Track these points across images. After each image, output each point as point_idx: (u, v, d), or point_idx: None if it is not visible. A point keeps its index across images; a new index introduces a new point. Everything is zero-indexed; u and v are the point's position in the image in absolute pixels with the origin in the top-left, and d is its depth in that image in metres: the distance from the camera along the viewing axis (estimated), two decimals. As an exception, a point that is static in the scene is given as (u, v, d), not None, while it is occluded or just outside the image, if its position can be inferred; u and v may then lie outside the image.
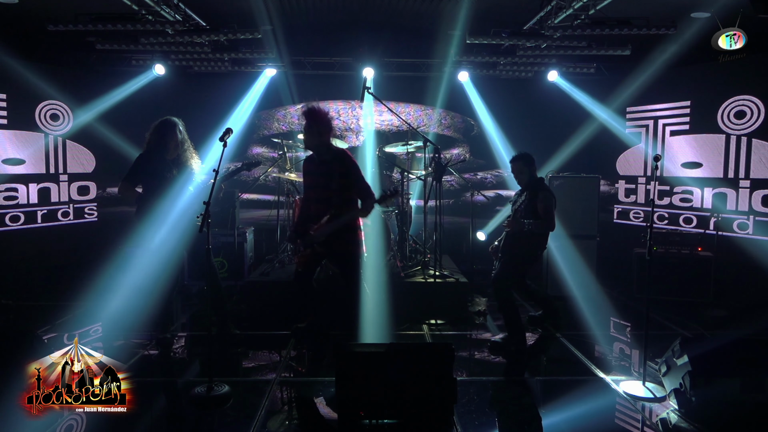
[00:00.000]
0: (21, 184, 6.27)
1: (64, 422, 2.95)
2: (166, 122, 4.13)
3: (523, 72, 7.01)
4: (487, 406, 3.33)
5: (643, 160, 6.93)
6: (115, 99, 6.73)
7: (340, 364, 2.90)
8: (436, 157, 5.05)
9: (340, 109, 7.55)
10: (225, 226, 6.07)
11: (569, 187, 5.62)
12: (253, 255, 6.53)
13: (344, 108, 7.54)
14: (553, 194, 4.28)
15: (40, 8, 5.32)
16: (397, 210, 5.53)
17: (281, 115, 7.62)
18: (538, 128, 7.15)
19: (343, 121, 7.52)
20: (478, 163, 7.69)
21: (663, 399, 3.31)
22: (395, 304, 4.69)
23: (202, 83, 7.33)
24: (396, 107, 7.46)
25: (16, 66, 5.91)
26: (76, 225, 6.82)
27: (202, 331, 4.66)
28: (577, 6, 4.82)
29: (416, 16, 6.04)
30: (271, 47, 6.34)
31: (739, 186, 5.89)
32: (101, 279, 4.90)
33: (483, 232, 6.03)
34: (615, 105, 6.96)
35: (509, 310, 4.24)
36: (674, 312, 5.17)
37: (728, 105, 5.95)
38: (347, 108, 7.54)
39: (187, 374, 3.82)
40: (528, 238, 4.22)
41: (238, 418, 3.10)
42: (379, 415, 2.92)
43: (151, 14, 5.15)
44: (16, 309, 5.05)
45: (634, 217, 7.04)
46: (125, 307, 4.47)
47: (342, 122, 7.54)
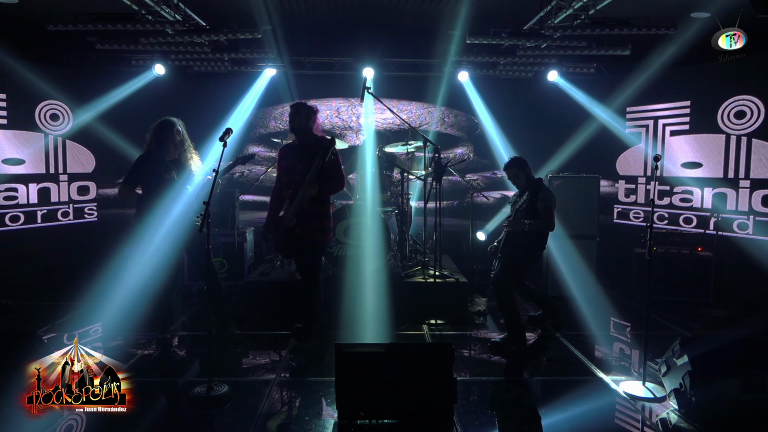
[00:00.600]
0: (21, 184, 6.27)
1: (64, 422, 2.95)
2: (165, 123, 4.12)
3: (523, 72, 7.01)
4: (487, 406, 3.33)
5: (643, 160, 6.93)
6: (115, 99, 6.72)
7: (340, 364, 2.90)
8: (436, 157, 5.05)
9: (341, 107, 7.50)
10: (225, 226, 6.07)
11: (569, 187, 5.62)
12: (253, 255, 6.53)
13: (344, 106, 7.49)
14: (552, 194, 4.30)
15: (40, 8, 5.31)
16: (397, 210, 5.53)
17: (280, 114, 7.61)
18: (538, 128, 7.15)
19: (343, 120, 7.46)
20: (483, 163, 7.67)
21: (663, 399, 3.31)
22: (395, 304, 4.70)
23: (202, 83, 7.33)
24: (397, 105, 7.43)
25: (15, 66, 5.91)
26: (76, 225, 6.81)
27: (202, 331, 4.67)
28: (577, 6, 4.82)
29: (416, 16, 6.04)
30: (271, 47, 6.33)
31: (739, 186, 5.89)
32: (101, 279, 4.89)
33: (483, 233, 6.04)
34: (615, 105, 6.96)
35: (509, 309, 4.25)
36: (674, 312, 5.17)
37: (728, 105, 5.95)
38: (347, 106, 7.50)
39: (187, 374, 3.82)
40: (528, 238, 4.23)
41: (237, 418, 3.10)
42: (379, 415, 2.92)
43: (151, 14, 5.15)
44: (16, 309, 5.05)
45: (634, 217, 7.04)
46: (125, 307, 4.47)
47: (342, 120, 7.48)
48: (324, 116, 7.18)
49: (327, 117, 7.33)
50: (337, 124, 7.43)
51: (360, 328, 4.39)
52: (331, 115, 7.31)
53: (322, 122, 6.99)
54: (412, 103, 7.54)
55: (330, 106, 7.41)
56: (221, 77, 7.24)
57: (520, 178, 4.38)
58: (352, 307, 4.64)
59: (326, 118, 7.34)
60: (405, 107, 7.52)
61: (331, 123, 7.41)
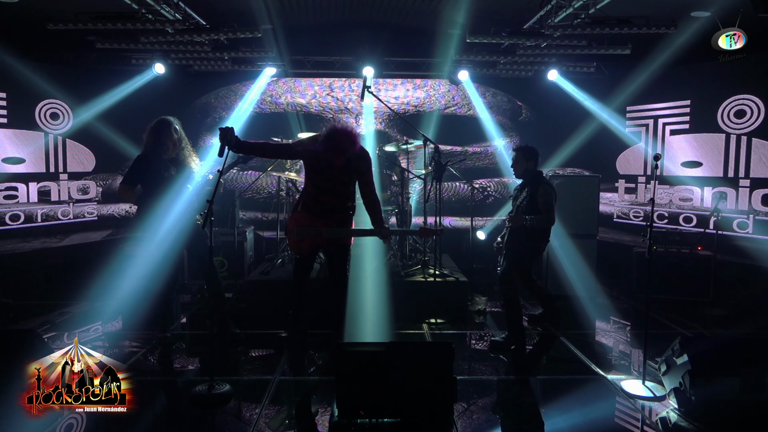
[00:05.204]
0: (21, 183, 6.27)
1: (64, 422, 2.95)
2: (162, 122, 4.12)
3: (523, 71, 7.01)
4: (487, 405, 3.34)
5: (643, 160, 6.93)
6: (115, 98, 6.73)
7: (340, 364, 2.90)
8: (436, 156, 5.05)
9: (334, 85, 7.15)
10: (225, 225, 6.07)
11: (569, 187, 5.61)
12: (253, 254, 6.53)
13: (339, 84, 7.11)
14: (553, 188, 4.29)
15: (40, 7, 5.31)
16: (397, 209, 5.53)
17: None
18: (538, 127, 7.15)
19: (337, 99, 6.88)
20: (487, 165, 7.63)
21: (663, 398, 3.32)
22: (395, 303, 4.70)
23: (202, 82, 7.33)
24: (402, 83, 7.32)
25: (15, 65, 5.91)
26: (76, 224, 6.82)
27: (202, 330, 4.67)
28: (577, 5, 4.82)
29: (416, 15, 6.04)
30: (271, 46, 6.33)
31: (739, 185, 5.89)
32: (101, 279, 4.90)
33: (483, 231, 6.04)
34: (615, 104, 6.96)
35: (513, 308, 4.25)
36: (674, 311, 5.17)
37: (728, 104, 5.95)
38: (342, 85, 7.11)
39: (187, 373, 3.83)
40: (530, 233, 4.23)
41: (238, 417, 3.10)
42: (379, 414, 2.92)
43: (151, 13, 5.14)
44: (16, 308, 5.06)
45: (634, 216, 7.04)
46: (125, 306, 4.48)
47: (336, 101, 6.97)
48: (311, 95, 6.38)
49: (317, 97, 6.56)
50: (331, 105, 6.82)
51: (360, 327, 4.39)
52: (322, 95, 6.53)
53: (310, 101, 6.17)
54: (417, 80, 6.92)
55: (322, 84, 6.81)
56: (221, 76, 7.24)
57: (519, 165, 4.36)
58: (352, 306, 4.64)
59: (315, 97, 6.57)
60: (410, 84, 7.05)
61: (323, 104, 6.80)
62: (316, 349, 4.23)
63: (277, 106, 7.26)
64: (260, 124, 7.25)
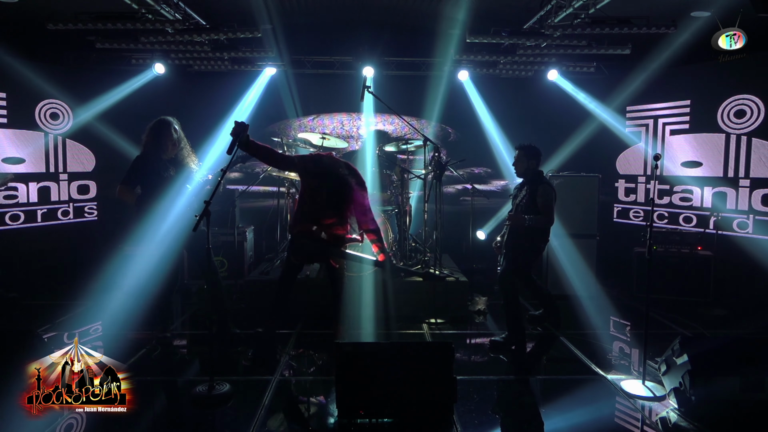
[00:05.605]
0: (21, 183, 6.27)
1: (64, 422, 2.95)
2: (161, 122, 4.12)
3: (523, 71, 7.01)
4: (487, 405, 3.33)
5: (643, 159, 6.93)
6: (115, 98, 6.73)
7: (340, 363, 2.90)
8: (436, 156, 5.04)
9: (344, 120, 7.76)
10: (225, 225, 6.07)
11: (569, 187, 5.62)
12: (253, 254, 6.53)
13: (347, 119, 7.77)
14: (553, 188, 4.28)
15: (40, 7, 5.31)
16: (397, 209, 5.53)
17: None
18: (538, 127, 7.14)
19: (345, 130, 7.76)
20: (482, 168, 7.71)
21: (663, 398, 3.32)
22: (395, 303, 4.69)
23: (202, 82, 7.33)
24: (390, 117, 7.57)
25: (15, 65, 5.91)
26: (76, 224, 6.82)
27: (202, 330, 4.67)
28: (577, 5, 4.82)
29: (416, 15, 6.04)
30: (271, 46, 6.34)
31: (739, 185, 5.89)
32: (101, 278, 4.89)
33: (483, 231, 6.03)
34: (615, 104, 6.96)
35: (513, 308, 4.24)
36: (674, 311, 5.17)
37: (728, 104, 5.95)
38: (350, 119, 7.76)
39: (187, 373, 3.83)
40: (530, 233, 4.23)
41: (238, 416, 3.10)
42: (379, 414, 2.93)
43: (151, 13, 5.15)
44: (21, 303, 5.07)
45: (633, 216, 7.04)
46: (125, 306, 4.47)
47: (345, 131, 7.75)
48: (330, 128, 7.76)
49: (332, 129, 7.78)
50: (340, 133, 7.74)
51: (360, 327, 4.40)
52: (336, 127, 7.78)
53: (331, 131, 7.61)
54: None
55: (334, 119, 7.78)
56: (221, 76, 7.24)
57: (521, 163, 4.36)
58: (352, 307, 4.64)
59: (332, 129, 7.78)
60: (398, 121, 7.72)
61: (336, 133, 7.74)
62: (316, 349, 4.24)
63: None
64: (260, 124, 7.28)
